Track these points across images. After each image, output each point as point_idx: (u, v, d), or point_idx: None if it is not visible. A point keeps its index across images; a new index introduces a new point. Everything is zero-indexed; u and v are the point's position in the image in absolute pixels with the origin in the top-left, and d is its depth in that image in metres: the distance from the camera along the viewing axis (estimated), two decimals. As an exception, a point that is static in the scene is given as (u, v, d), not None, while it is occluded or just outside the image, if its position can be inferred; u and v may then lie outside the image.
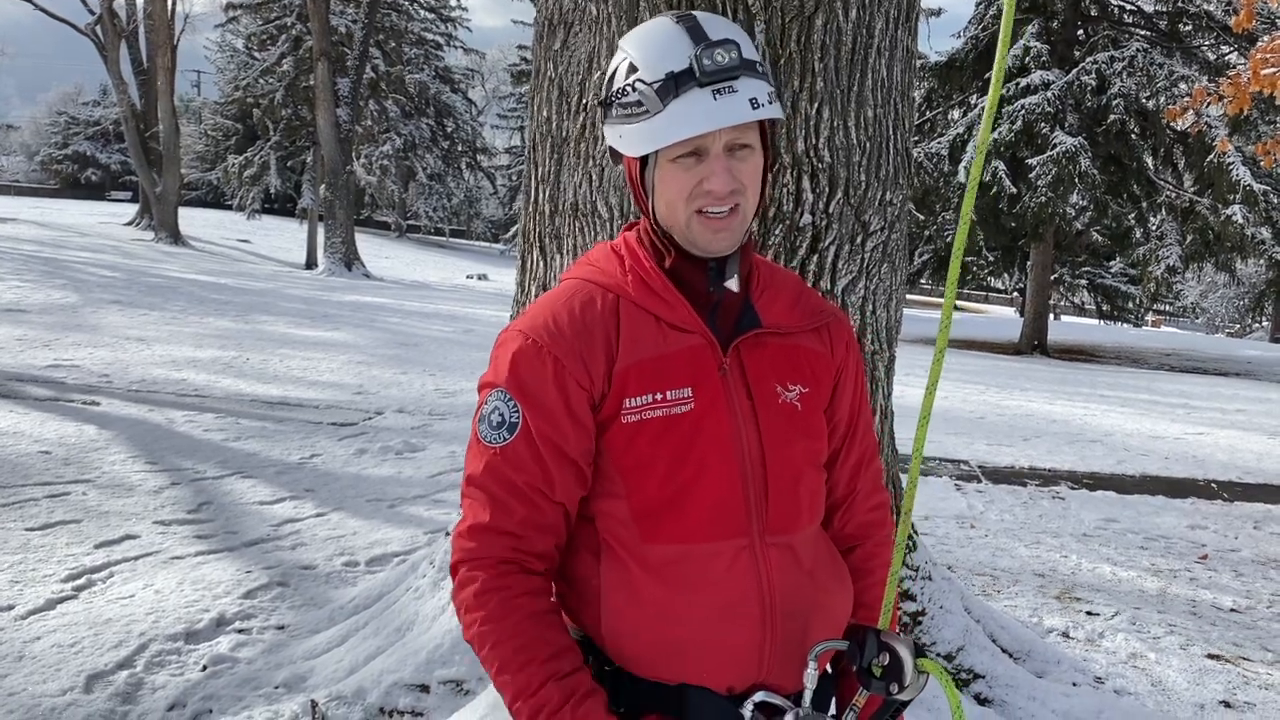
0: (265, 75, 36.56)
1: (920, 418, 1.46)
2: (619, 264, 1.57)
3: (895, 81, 3.37)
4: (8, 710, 3.45)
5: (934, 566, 3.95)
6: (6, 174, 74.07)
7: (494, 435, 1.47)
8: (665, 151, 1.45)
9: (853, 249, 3.29)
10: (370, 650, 3.65)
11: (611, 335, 1.50)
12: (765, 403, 1.53)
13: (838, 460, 1.68)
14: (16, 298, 15.68)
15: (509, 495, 1.46)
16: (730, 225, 1.47)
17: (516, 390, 1.47)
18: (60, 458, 6.76)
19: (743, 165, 1.46)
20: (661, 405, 1.47)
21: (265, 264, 31.97)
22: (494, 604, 1.43)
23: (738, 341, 1.53)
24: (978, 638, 3.80)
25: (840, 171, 3.21)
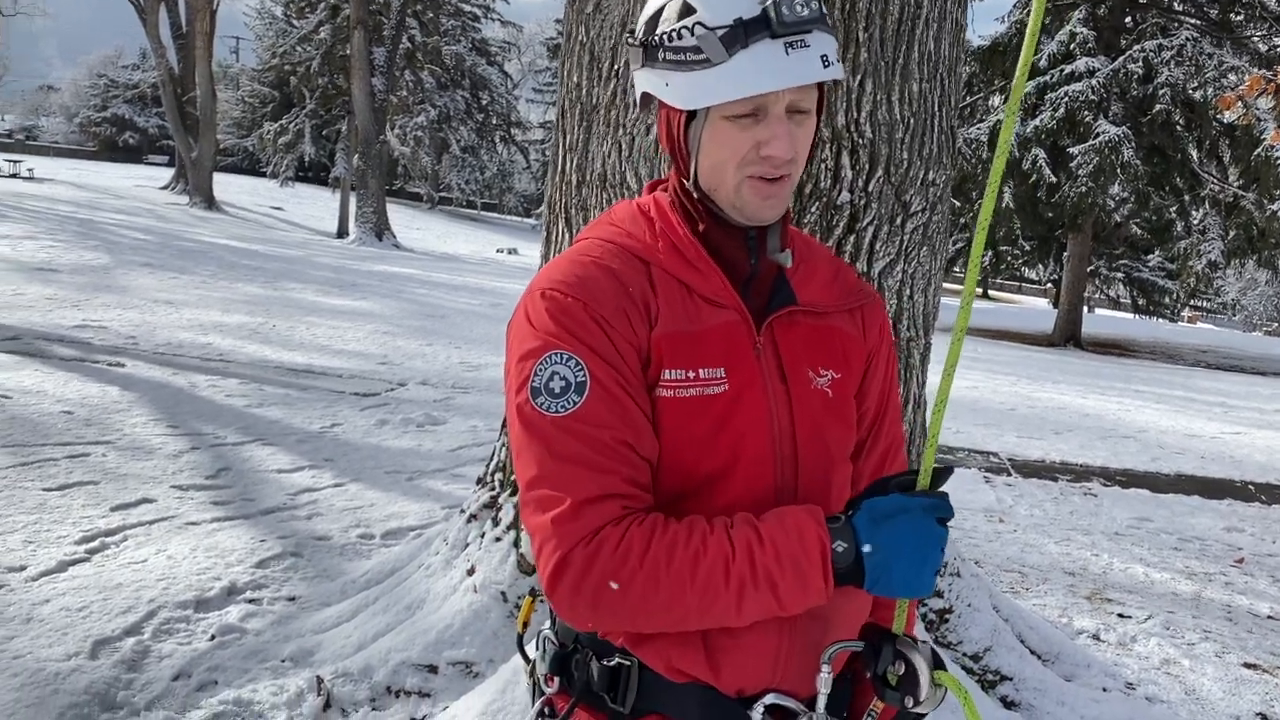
0: (302, 43, 36.54)
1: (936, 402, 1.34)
2: (648, 227, 1.42)
3: (942, 56, 3.22)
4: (11, 674, 3.40)
5: (962, 562, 3.81)
6: (46, 135, 74.75)
7: (560, 403, 1.27)
8: (721, 107, 1.29)
9: (892, 230, 3.15)
10: (379, 627, 3.57)
11: (649, 297, 1.35)
12: (799, 387, 1.40)
13: (863, 450, 1.55)
14: (49, 257, 15.76)
15: (602, 455, 1.26)
16: (781, 192, 1.33)
17: (574, 346, 1.29)
18: (82, 418, 6.74)
19: (799, 130, 1.31)
20: (696, 384, 1.33)
21: (297, 231, 32.05)
22: (638, 536, 1.23)
23: (771, 319, 1.40)
24: (1006, 638, 3.67)
25: (881, 148, 3.07)
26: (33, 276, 13.49)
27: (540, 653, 1.47)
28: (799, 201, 3.03)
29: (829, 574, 1.23)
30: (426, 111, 41.03)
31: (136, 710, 3.26)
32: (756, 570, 1.22)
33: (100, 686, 3.37)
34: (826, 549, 1.23)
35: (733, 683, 1.36)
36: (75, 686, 3.35)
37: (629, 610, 1.25)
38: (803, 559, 1.22)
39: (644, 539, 1.23)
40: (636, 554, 1.22)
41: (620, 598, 1.23)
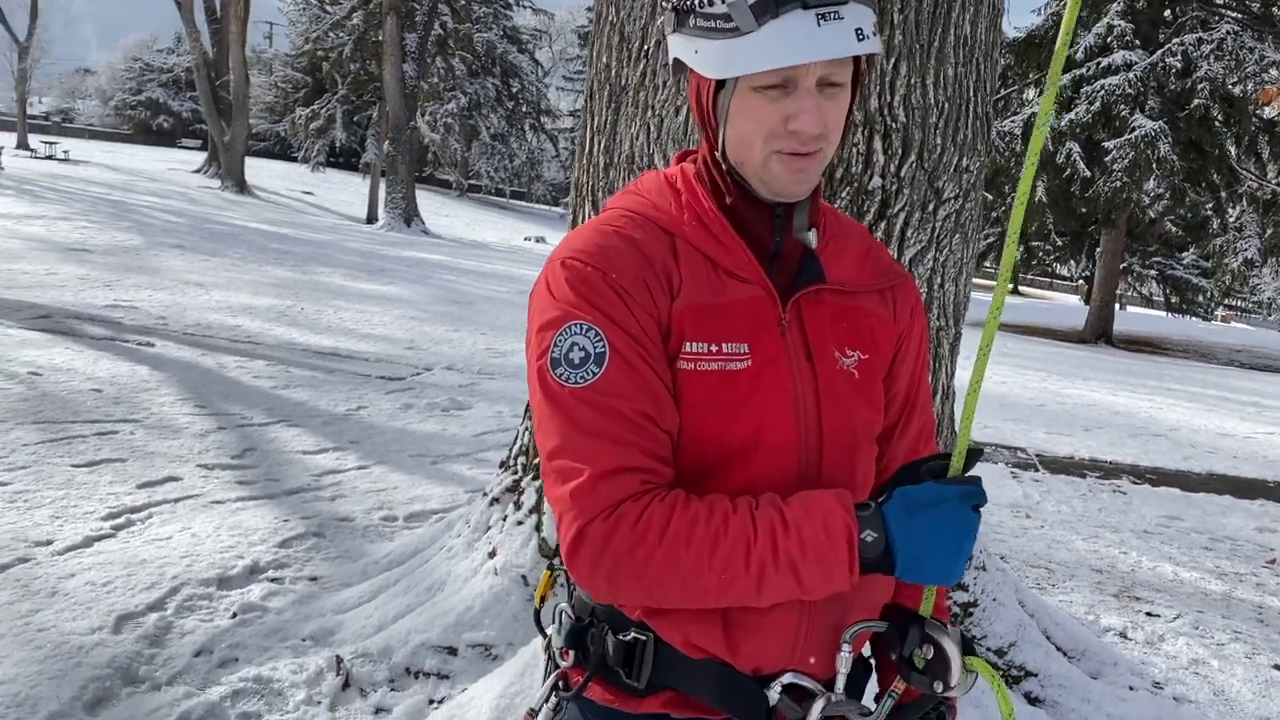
0: (335, 28, 36.66)
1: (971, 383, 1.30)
2: (674, 198, 1.38)
3: (979, 40, 3.16)
4: (35, 646, 3.42)
5: (988, 556, 3.76)
6: (82, 118, 75.51)
7: (580, 374, 1.24)
8: (749, 78, 1.25)
9: (924, 217, 3.10)
10: (400, 608, 3.56)
11: (672, 268, 1.32)
12: (825, 367, 1.36)
13: (894, 434, 1.51)
14: (83, 238, 15.92)
15: (621, 428, 1.23)
16: (811, 167, 1.29)
17: (594, 316, 1.26)
18: (111, 396, 6.79)
19: (831, 105, 1.26)
20: (718, 358, 1.29)
21: (326, 216, 32.22)
22: (658, 513, 1.21)
23: (798, 296, 1.36)
24: (1031, 633, 3.62)
25: (915, 133, 3.01)
26: (66, 256, 13.62)
27: (556, 626, 1.45)
28: (829, 186, 2.98)
29: (854, 563, 1.19)
30: (457, 98, 41.08)
31: (158, 685, 3.28)
32: (779, 555, 1.19)
33: (123, 661, 3.38)
34: (854, 537, 1.19)
35: (750, 661, 1.33)
36: (98, 660, 3.36)
37: (646, 586, 1.23)
38: (827, 547, 1.19)
39: (664, 516, 1.21)
40: (656, 530, 1.20)
41: (638, 573, 1.21)
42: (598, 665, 1.37)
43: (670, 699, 1.35)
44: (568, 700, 1.41)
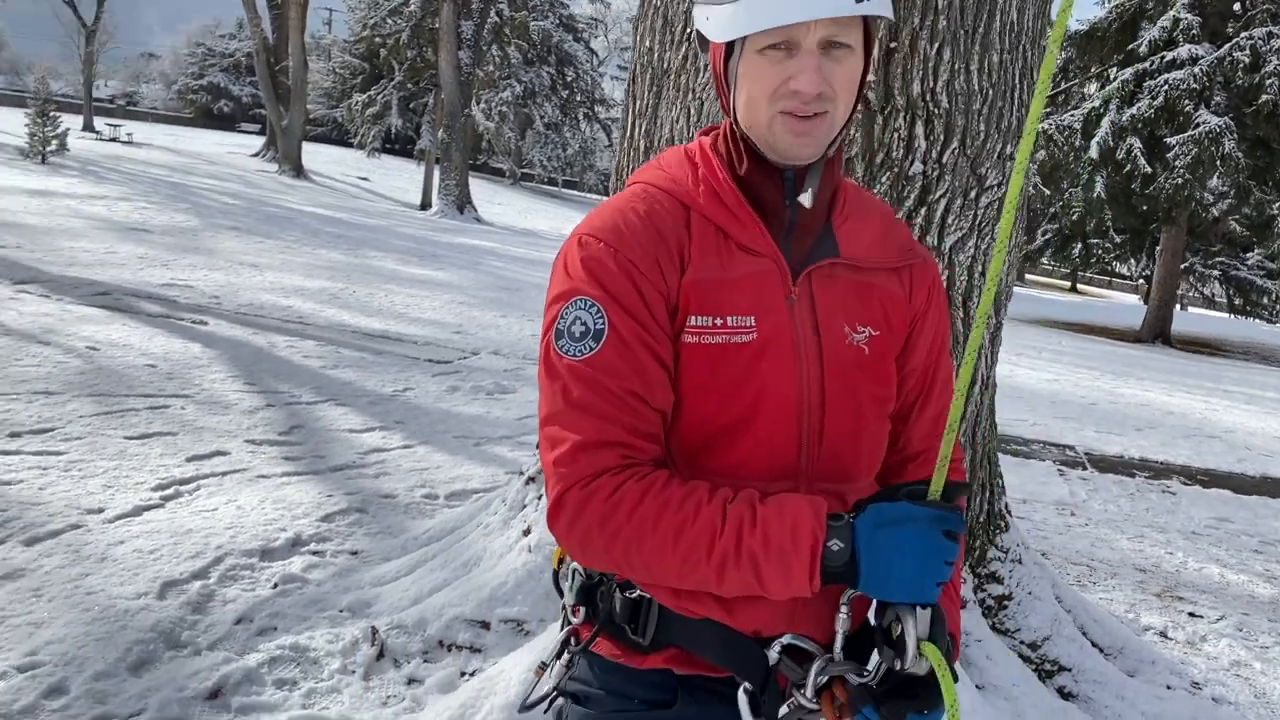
0: (393, 15, 36.97)
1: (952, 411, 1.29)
2: (691, 171, 1.41)
3: (1026, 26, 3.12)
4: (84, 609, 3.53)
5: (1025, 550, 3.73)
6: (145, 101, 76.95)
7: (578, 347, 1.30)
8: (753, 40, 1.28)
9: (965, 204, 3.08)
10: (436, 583, 3.62)
11: (684, 243, 1.35)
12: (832, 342, 1.37)
13: (912, 414, 1.52)
14: (143, 218, 16.25)
15: (607, 403, 1.29)
16: (815, 130, 1.30)
17: (598, 294, 1.31)
18: (164, 372, 6.94)
19: (837, 67, 1.28)
20: (722, 331, 1.32)
21: (381, 202, 32.54)
22: (633, 490, 1.25)
23: (809, 270, 1.38)
24: (1066, 628, 3.58)
25: (958, 119, 2.99)
26: (126, 236, 13.92)
27: (569, 584, 1.48)
28: (869, 171, 2.97)
29: (815, 569, 1.20)
30: (512, 87, 41.28)
31: (199, 650, 3.36)
32: (741, 550, 1.22)
33: (166, 625, 3.48)
34: (818, 544, 1.20)
35: (749, 624, 1.35)
36: (143, 624, 3.46)
37: (613, 558, 1.28)
38: (790, 549, 1.20)
39: (638, 494, 1.25)
40: (627, 507, 1.24)
41: (605, 545, 1.26)
42: (605, 621, 1.41)
43: (674, 655, 1.38)
44: (578, 655, 1.44)
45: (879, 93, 2.92)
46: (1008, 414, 9.88)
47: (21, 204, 15.77)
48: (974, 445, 3.45)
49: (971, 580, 3.46)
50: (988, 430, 3.55)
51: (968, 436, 3.39)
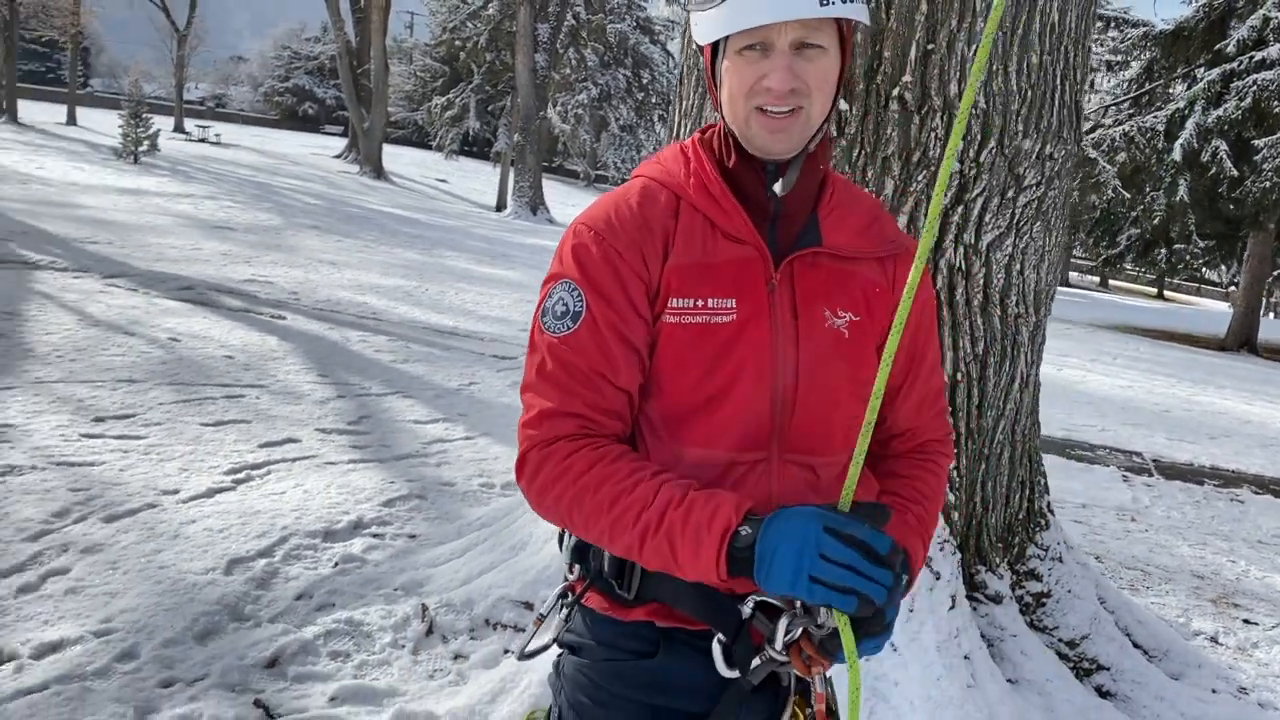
0: (472, 18, 37.55)
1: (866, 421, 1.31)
2: (684, 165, 1.53)
3: (1068, 27, 3.15)
4: (155, 581, 3.74)
5: (1067, 549, 3.74)
6: (234, 103, 79.21)
7: (557, 325, 1.45)
8: (732, 42, 1.39)
9: (1002, 203, 3.12)
10: (485, 564, 3.76)
11: (671, 232, 1.47)
12: (810, 324, 1.46)
13: (898, 396, 1.60)
14: (227, 216, 16.82)
15: (573, 380, 1.43)
16: (789, 127, 1.40)
17: (580, 278, 1.45)
18: (241, 363, 7.23)
19: (809, 65, 1.38)
20: (703, 312, 1.43)
21: (458, 204, 33.09)
22: (584, 457, 1.38)
23: (792, 258, 1.47)
24: (1106, 628, 3.59)
25: (995, 119, 3.03)
26: (211, 233, 14.44)
27: (566, 544, 1.59)
28: (905, 169, 3.03)
29: (723, 553, 1.28)
30: (588, 89, 41.60)
31: (260, 622, 3.55)
32: (662, 524, 1.32)
33: (231, 599, 3.67)
34: (730, 529, 1.28)
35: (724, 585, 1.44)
36: (209, 597, 3.66)
37: (559, 514, 1.43)
38: (704, 530, 1.29)
39: (587, 463, 1.38)
40: (575, 473, 1.38)
41: (554, 504, 1.41)
42: (595, 577, 1.52)
43: (656, 609, 1.49)
44: (571, 608, 1.55)
45: (915, 93, 2.98)
46: (1076, 419, 9.76)
47: (113, 202, 16.43)
48: (1013, 443, 3.48)
49: (1009, 576, 3.49)
50: (1028, 428, 3.57)
51: (1006, 434, 3.42)
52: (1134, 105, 23.47)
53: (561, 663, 1.63)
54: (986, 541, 3.43)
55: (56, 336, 7.21)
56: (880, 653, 1.39)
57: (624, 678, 1.53)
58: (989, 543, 3.44)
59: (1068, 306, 26.88)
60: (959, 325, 3.17)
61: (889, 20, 3.01)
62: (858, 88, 3.06)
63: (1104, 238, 28.39)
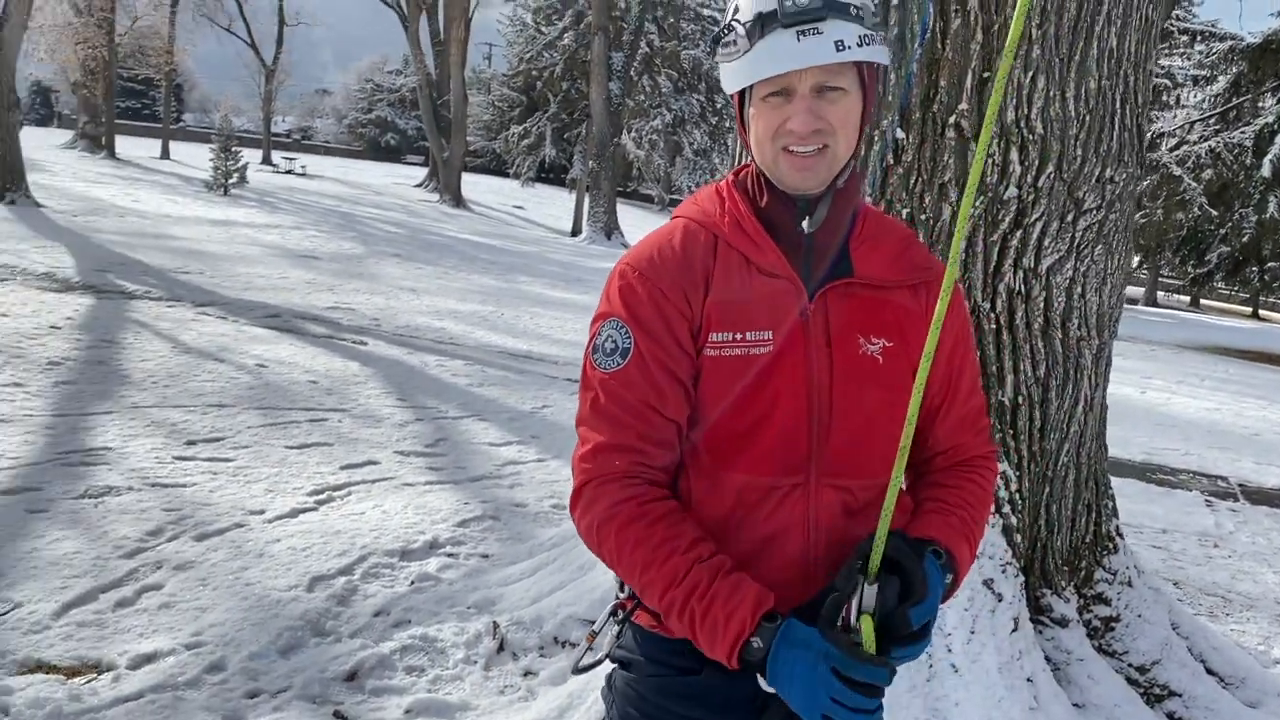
0: (548, 49, 38.23)
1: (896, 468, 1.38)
2: (719, 204, 1.61)
3: (1127, 51, 3.16)
4: (242, 597, 3.92)
5: (1138, 574, 3.71)
6: (319, 135, 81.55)
7: (608, 361, 1.54)
8: (757, 89, 1.48)
9: (1062, 227, 3.14)
10: (554, 584, 3.86)
11: (710, 269, 1.55)
12: (844, 352, 1.53)
13: (937, 416, 1.66)
14: (313, 246, 17.35)
15: (625, 413, 1.51)
16: (814, 165, 1.48)
17: (627, 317, 1.54)
18: (325, 388, 7.49)
19: (831, 107, 1.46)
20: (741, 344, 1.51)
21: (534, 229, 33.55)
22: (628, 511, 1.47)
23: (825, 289, 1.54)
24: (1178, 653, 3.55)
25: (1053, 144, 3.06)
26: (297, 262, 14.92)
27: None
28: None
29: (734, 655, 1.39)
30: (662, 115, 41.90)
31: (340, 638, 3.70)
32: (685, 608, 1.42)
33: (313, 615, 3.83)
34: (742, 636, 1.38)
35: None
36: (293, 613, 3.83)
37: (600, 553, 1.54)
38: (720, 630, 1.40)
39: (630, 518, 1.47)
40: (617, 524, 1.48)
41: (597, 543, 1.52)
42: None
43: None
44: (622, 625, 1.64)
45: (972, 120, 3.03)
46: (1158, 442, 9.55)
47: (205, 233, 17.08)
48: (1078, 465, 3.47)
49: (1076, 600, 3.48)
50: (1093, 451, 3.56)
51: (1071, 457, 3.42)
52: (1220, 120, 22.88)
53: (613, 677, 1.72)
54: (1052, 564, 3.42)
55: (151, 363, 7.55)
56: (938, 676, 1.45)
57: (670, 692, 1.61)
58: (1054, 566, 3.43)
59: (1153, 327, 26.22)
60: (1019, 349, 3.19)
61: (944, 50, 3.06)
62: (914, 116, 3.12)
63: (1191, 256, 27.63)
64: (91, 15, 31.56)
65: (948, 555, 1.50)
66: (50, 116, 69.22)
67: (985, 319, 3.17)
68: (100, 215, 17.66)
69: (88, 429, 5.80)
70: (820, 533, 1.53)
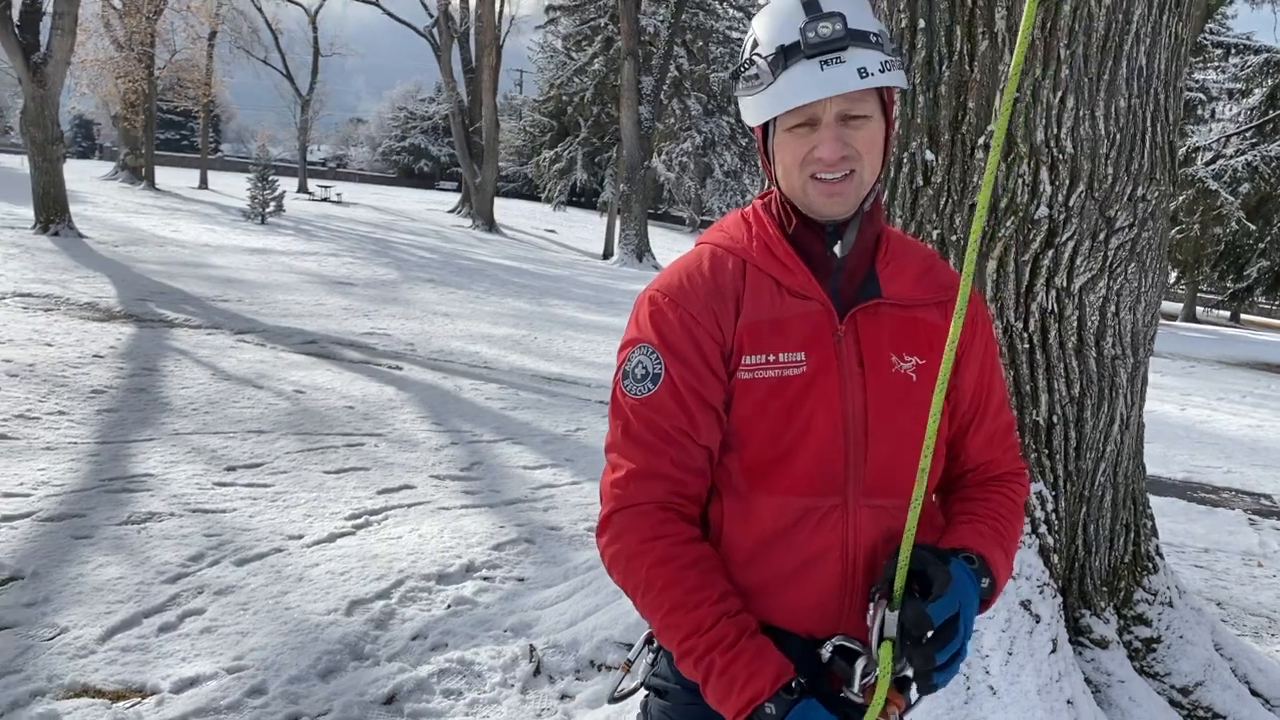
0: (578, 74, 38.59)
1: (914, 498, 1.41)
2: (747, 230, 1.63)
3: (1157, 69, 3.16)
4: (282, 621, 3.97)
5: (1179, 594, 3.67)
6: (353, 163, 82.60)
7: (639, 387, 1.54)
8: (782, 120, 1.50)
9: (1094, 245, 3.13)
10: (589, 607, 3.88)
11: (740, 293, 1.56)
12: (877, 371, 1.54)
13: (967, 433, 1.67)
14: (349, 272, 17.56)
15: (658, 439, 1.52)
16: (844, 190, 1.50)
17: (658, 343, 1.54)
18: (361, 413, 7.57)
19: (856, 134, 1.48)
20: (774, 366, 1.52)
21: (566, 253, 33.77)
22: (661, 550, 1.47)
23: (855, 310, 1.56)
24: (1221, 675, 3.50)
25: (1084, 164, 3.06)
26: (333, 289, 15.10)
27: None
28: (993, 216, 3.07)
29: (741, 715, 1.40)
30: (692, 137, 42.09)
31: (379, 661, 3.73)
32: (704, 658, 1.43)
33: (352, 639, 3.87)
34: (756, 701, 1.39)
35: (801, 627, 1.53)
36: (332, 636, 3.87)
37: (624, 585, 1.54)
38: (735, 687, 1.41)
39: (662, 557, 1.48)
40: (648, 561, 1.49)
41: (621, 574, 1.53)
42: None
43: None
44: (657, 652, 1.65)
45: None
46: (1199, 460, 9.42)
47: (243, 261, 17.33)
48: (1115, 485, 3.45)
49: (1116, 621, 3.45)
50: (1130, 470, 3.53)
51: (1108, 476, 3.40)
52: (1257, 134, 22.66)
53: (648, 703, 1.73)
54: (1090, 585, 3.40)
55: (192, 390, 7.67)
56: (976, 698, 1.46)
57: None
58: (1093, 586, 3.40)
59: (1192, 343, 25.88)
60: (1053, 368, 3.18)
61: (973, 72, 3.08)
62: (943, 138, 3.13)
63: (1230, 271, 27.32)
64: (132, 49, 32.20)
65: (980, 560, 1.51)
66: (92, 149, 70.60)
67: (1018, 338, 3.17)
68: (141, 245, 17.98)
69: (130, 456, 5.90)
70: (859, 553, 1.54)
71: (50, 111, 17.69)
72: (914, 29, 3.15)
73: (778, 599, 1.54)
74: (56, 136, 17.94)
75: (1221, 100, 29.62)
